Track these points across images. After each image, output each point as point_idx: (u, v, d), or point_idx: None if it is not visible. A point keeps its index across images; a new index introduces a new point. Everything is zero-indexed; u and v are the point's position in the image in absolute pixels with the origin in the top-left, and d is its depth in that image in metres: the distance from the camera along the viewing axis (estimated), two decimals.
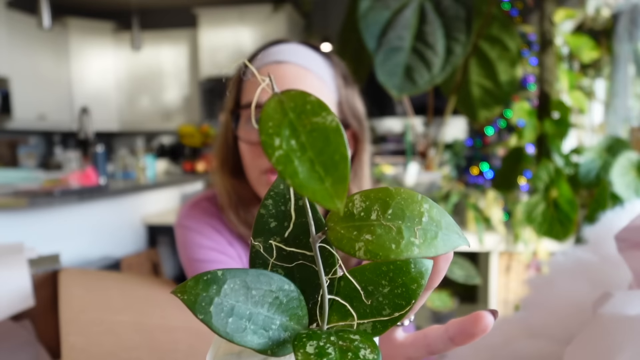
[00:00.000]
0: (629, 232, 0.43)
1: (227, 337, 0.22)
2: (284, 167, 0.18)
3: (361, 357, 0.21)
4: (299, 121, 0.19)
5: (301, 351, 0.21)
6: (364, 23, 1.02)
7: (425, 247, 0.22)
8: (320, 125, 0.19)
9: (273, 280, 0.24)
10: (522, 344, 0.54)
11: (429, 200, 0.23)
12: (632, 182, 1.16)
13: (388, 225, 0.22)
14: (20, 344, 0.62)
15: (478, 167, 2.11)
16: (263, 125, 0.19)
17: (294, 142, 0.19)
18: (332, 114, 0.19)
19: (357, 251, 0.22)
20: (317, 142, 0.19)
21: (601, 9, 1.76)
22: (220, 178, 0.72)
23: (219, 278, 0.22)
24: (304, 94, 0.19)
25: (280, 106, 0.19)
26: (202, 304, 0.22)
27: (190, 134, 3.96)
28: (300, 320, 0.24)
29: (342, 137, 0.19)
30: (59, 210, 2.10)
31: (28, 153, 4.13)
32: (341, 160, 0.19)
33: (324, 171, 0.19)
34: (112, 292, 0.72)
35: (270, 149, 0.18)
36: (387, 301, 0.25)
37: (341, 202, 0.19)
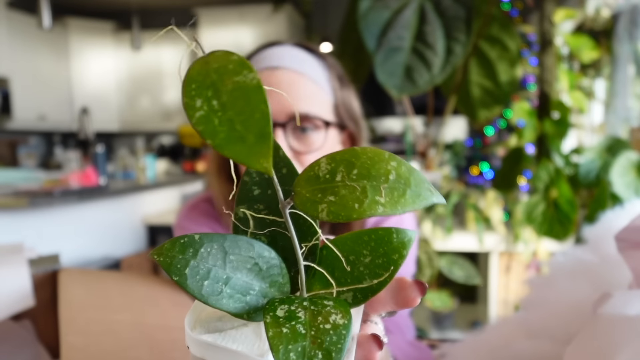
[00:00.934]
0: (629, 232, 0.43)
1: (202, 299, 0.22)
2: (204, 127, 0.18)
3: (331, 322, 0.20)
4: (220, 82, 0.19)
5: (270, 314, 0.21)
6: (364, 23, 1.02)
7: (391, 205, 0.21)
8: (241, 84, 0.19)
9: (252, 246, 0.24)
10: (522, 344, 0.54)
11: (396, 157, 0.22)
12: (632, 182, 1.16)
13: (352, 185, 0.22)
14: (20, 344, 0.62)
15: (478, 167, 2.11)
16: (186, 88, 0.19)
17: (216, 103, 0.19)
18: (253, 72, 0.19)
19: (319, 213, 0.21)
20: (238, 101, 0.19)
21: (601, 9, 1.76)
22: (217, 183, 0.71)
23: (195, 242, 0.22)
24: (228, 53, 0.19)
25: (204, 67, 0.19)
26: (177, 266, 0.22)
27: (190, 134, 3.96)
28: (281, 287, 0.24)
29: (262, 94, 0.19)
30: (59, 210, 2.10)
31: (28, 153, 4.13)
32: (262, 118, 0.19)
33: (245, 130, 0.19)
34: (111, 291, 0.72)
35: (191, 110, 0.18)
36: (368, 271, 0.24)
37: (267, 160, 0.19)
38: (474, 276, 1.83)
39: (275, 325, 0.20)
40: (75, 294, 0.66)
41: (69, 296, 0.65)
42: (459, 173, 2.26)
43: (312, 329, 0.20)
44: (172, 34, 1.05)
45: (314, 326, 0.20)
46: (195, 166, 3.71)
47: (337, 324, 0.20)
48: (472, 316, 2.25)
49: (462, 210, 1.94)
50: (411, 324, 0.70)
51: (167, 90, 4.74)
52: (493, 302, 2.01)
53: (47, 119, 4.19)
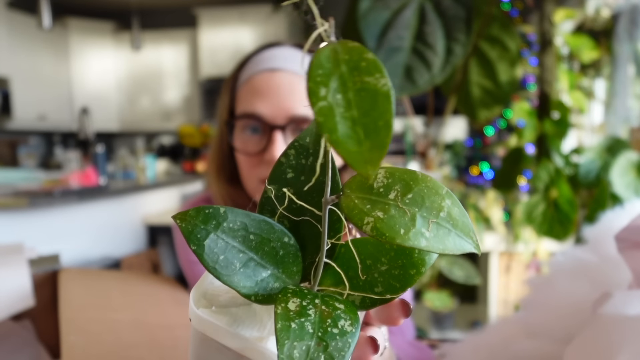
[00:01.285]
0: (629, 232, 0.43)
1: (214, 273, 0.22)
2: (324, 119, 0.18)
3: (339, 327, 0.20)
4: (350, 76, 0.18)
5: (282, 305, 0.20)
6: (364, 23, 1.02)
7: (434, 242, 0.21)
8: (371, 86, 0.18)
9: (274, 229, 0.23)
10: (522, 344, 0.54)
11: (453, 197, 0.22)
12: (632, 182, 1.16)
13: (404, 208, 0.21)
14: (20, 344, 0.62)
15: (478, 167, 2.11)
16: (312, 72, 0.18)
17: (340, 97, 0.18)
18: (385, 78, 0.18)
19: (364, 225, 0.21)
20: (364, 102, 0.18)
21: (601, 9, 1.76)
22: (217, 185, 0.71)
23: (220, 214, 0.22)
24: (362, 49, 0.18)
25: (334, 56, 0.18)
26: (197, 235, 0.22)
27: (190, 134, 3.96)
28: (292, 275, 0.24)
29: (391, 104, 0.18)
30: (59, 210, 2.10)
31: (28, 153, 4.13)
32: (384, 127, 0.18)
33: (364, 134, 0.18)
34: (112, 291, 0.72)
35: (314, 97, 0.18)
36: (382, 279, 0.24)
37: (374, 169, 0.18)
38: (473, 276, 1.83)
39: (285, 318, 0.20)
40: (76, 294, 0.66)
41: (69, 296, 0.65)
42: (459, 173, 2.26)
43: (320, 330, 0.20)
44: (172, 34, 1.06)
45: (322, 328, 0.20)
46: (195, 166, 3.71)
47: (345, 331, 0.20)
48: (472, 316, 2.25)
49: None
50: (411, 324, 0.70)
51: (167, 90, 4.74)
52: (493, 302, 2.01)
53: (47, 119, 4.19)
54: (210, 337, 0.23)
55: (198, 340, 0.24)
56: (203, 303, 0.25)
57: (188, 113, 4.72)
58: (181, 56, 4.65)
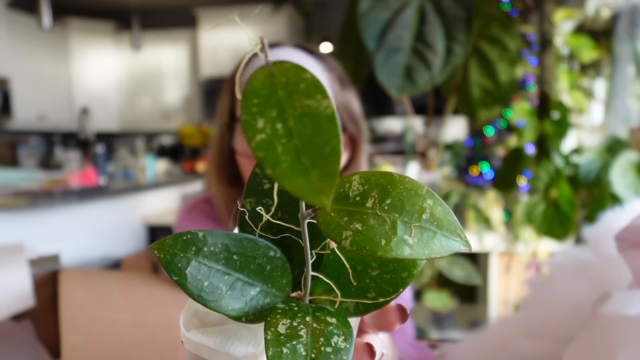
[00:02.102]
0: (629, 232, 0.43)
1: (200, 301, 0.21)
2: (264, 154, 0.16)
3: (332, 345, 0.19)
4: (288, 102, 0.17)
5: (272, 330, 0.20)
6: (364, 23, 1.02)
7: (418, 247, 0.20)
8: (312, 110, 0.17)
9: (257, 246, 0.22)
10: (522, 344, 0.54)
11: (434, 195, 0.21)
12: (632, 182, 1.16)
13: (383, 216, 0.20)
14: (20, 344, 0.62)
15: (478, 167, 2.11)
16: (246, 102, 0.17)
17: (280, 126, 0.16)
18: (327, 99, 0.17)
19: (343, 240, 0.20)
20: (306, 128, 0.17)
21: (601, 9, 1.76)
22: (217, 187, 0.71)
23: (199, 239, 0.21)
24: (300, 69, 0.17)
25: (269, 80, 0.17)
26: (178, 265, 0.21)
27: (190, 134, 3.96)
28: (283, 287, 0.23)
29: (336, 127, 0.17)
30: (59, 210, 2.10)
31: (28, 153, 4.13)
32: (332, 153, 0.17)
33: (311, 163, 0.17)
34: (112, 291, 0.72)
35: (251, 131, 0.16)
36: (374, 284, 0.23)
37: (327, 198, 0.17)
38: (474, 276, 1.83)
39: (275, 343, 0.19)
40: (76, 294, 0.66)
41: (69, 296, 0.65)
42: (459, 173, 2.25)
43: (313, 351, 0.19)
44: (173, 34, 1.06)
45: (315, 348, 0.19)
46: (195, 166, 3.71)
47: (339, 348, 0.19)
48: (472, 316, 2.25)
49: (462, 210, 1.94)
50: (411, 324, 0.70)
51: (167, 90, 4.74)
52: (493, 302, 2.01)
53: (47, 119, 4.19)
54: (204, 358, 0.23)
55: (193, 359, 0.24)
56: (194, 323, 0.25)
57: (188, 113, 4.72)
58: (181, 56, 4.65)
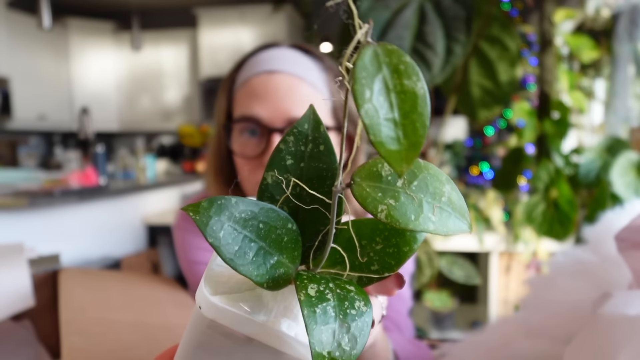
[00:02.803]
0: (629, 232, 0.43)
1: (231, 264, 0.22)
2: (370, 121, 0.18)
3: (356, 308, 0.21)
4: (391, 79, 0.19)
5: (304, 292, 0.21)
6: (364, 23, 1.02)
7: (439, 225, 0.22)
8: (410, 89, 0.19)
9: (280, 217, 0.24)
10: (522, 344, 0.54)
11: (452, 182, 0.24)
12: (632, 182, 1.17)
13: (412, 195, 0.22)
14: (20, 344, 0.62)
15: (478, 167, 2.11)
16: (357, 74, 0.19)
17: (383, 99, 0.19)
18: (422, 81, 0.19)
19: (379, 212, 0.22)
20: (405, 104, 0.19)
21: (601, 9, 1.76)
22: (215, 188, 0.70)
23: (231, 204, 0.22)
24: (400, 52, 0.19)
25: (375, 58, 0.19)
26: (213, 227, 0.22)
27: (190, 134, 3.96)
28: (294, 259, 0.24)
29: (427, 106, 0.19)
30: (59, 210, 2.10)
31: (28, 153, 4.13)
32: (421, 128, 0.19)
33: (404, 135, 0.19)
34: (112, 291, 0.72)
35: (360, 99, 0.18)
36: (378, 258, 0.25)
37: (408, 167, 0.19)
38: (474, 276, 1.83)
39: (309, 304, 0.20)
40: (76, 294, 0.66)
41: (69, 296, 0.65)
42: (459, 173, 2.25)
43: (341, 312, 0.21)
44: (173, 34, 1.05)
45: (342, 310, 0.21)
46: (195, 166, 3.71)
47: (362, 311, 0.21)
48: (472, 316, 2.25)
49: None
50: (410, 323, 0.70)
51: (167, 90, 4.74)
52: (493, 302, 2.01)
53: (47, 119, 4.19)
54: (219, 323, 0.23)
55: (203, 326, 0.24)
56: (209, 291, 0.25)
57: (188, 113, 4.72)
58: (181, 56, 4.65)
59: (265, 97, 0.61)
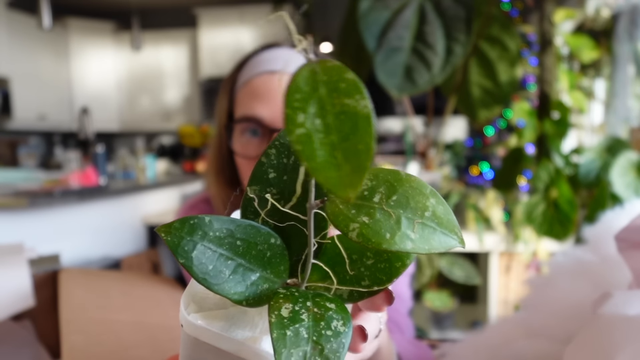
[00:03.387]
0: (629, 232, 0.43)
1: (204, 283, 0.21)
2: (302, 147, 0.17)
3: (332, 328, 0.20)
4: (329, 99, 0.18)
5: (276, 313, 0.20)
6: (364, 23, 1.02)
7: (420, 242, 0.21)
8: (350, 109, 0.18)
9: (260, 232, 0.23)
10: (522, 344, 0.54)
11: (437, 195, 0.22)
12: (632, 182, 1.17)
13: (389, 211, 0.21)
14: (20, 344, 0.62)
15: (478, 167, 2.11)
16: (289, 97, 0.17)
17: (319, 122, 0.17)
18: (365, 99, 0.18)
19: (350, 231, 0.21)
20: (344, 126, 0.17)
21: (601, 9, 1.76)
22: (216, 188, 0.70)
23: (205, 224, 0.22)
24: (342, 68, 0.18)
25: (312, 77, 0.18)
26: (184, 247, 0.21)
27: (190, 134, 3.96)
28: (280, 274, 0.24)
29: (371, 126, 0.18)
30: (59, 210, 2.10)
31: (28, 153, 4.12)
32: (365, 150, 0.18)
33: (344, 158, 0.18)
34: (112, 291, 0.72)
35: (292, 124, 0.17)
36: (369, 273, 0.24)
37: (354, 192, 0.18)
38: (474, 276, 1.83)
39: (280, 326, 0.20)
40: (76, 294, 0.66)
41: (69, 296, 0.65)
42: (459, 173, 2.25)
43: (315, 334, 0.20)
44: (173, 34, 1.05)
45: (317, 331, 0.20)
46: (195, 166, 3.71)
47: (338, 332, 0.20)
48: (472, 316, 2.25)
49: (462, 210, 1.94)
50: (410, 323, 0.69)
51: (167, 90, 4.74)
52: (493, 302, 2.01)
53: (47, 119, 4.19)
54: (203, 340, 0.23)
55: (190, 343, 0.24)
56: (193, 307, 0.25)
57: (188, 113, 4.72)
58: (181, 56, 4.65)
59: (266, 98, 0.61)
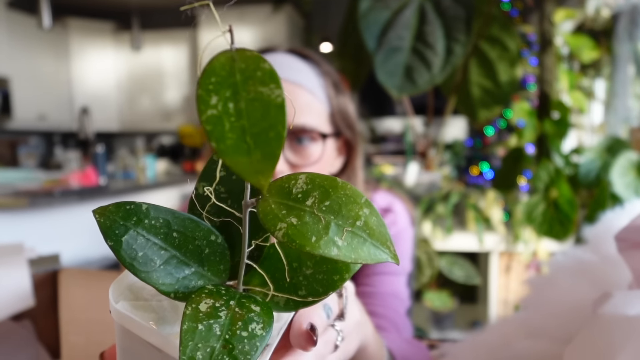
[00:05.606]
0: (629, 232, 0.43)
1: (131, 269, 0.21)
2: (212, 127, 0.17)
3: (249, 330, 0.20)
4: (244, 85, 0.18)
5: (193, 306, 0.20)
6: (364, 23, 1.02)
7: (346, 250, 0.20)
8: (264, 97, 0.18)
9: (199, 227, 0.23)
10: (522, 344, 0.54)
11: (372, 206, 0.22)
12: (632, 182, 1.17)
13: (319, 216, 0.21)
14: (20, 344, 0.62)
15: (478, 167, 2.11)
16: (204, 79, 0.18)
17: (232, 106, 0.18)
18: (280, 89, 0.18)
19: (277, 230, 0.20)
20: (256, 112, 0.18)
21: (601, 9, 1.76)
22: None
23: (142, 211, 0.22)
24: (260, 59, 0.18)
25: (230, 64, 0.18)
26: (115, 231, 0.21)
27: (190, 134, 3.96)
28: (219, 273, 0.23)
29: (283, 116, 0.18)
30: (59, 210, 2.10)
31: (28, 153, 4.13)
32: (275, 138, 0.18)
33: (254, 144, 0.18)
34: None
35: (203, 105, 0.17)
36: (307, 283, 0.24)
37: (266, 179, 0.18)
38: (474, 276, 1.83)
39: (193, 319, 0.20)
40: (75, 294, 0.66)
41: (69, 296, 0.65)
42: (459, 173, 2.25)
43: (228, 332, 0.20)
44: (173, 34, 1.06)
45: (231, 330, 0.20)
46: (195, 166, 3.71)
47: (254, 334, 0.20)
48: (472, 316, 2.25)
49: (462, 210, 1.94)
50: (408, 322, 0.69)
51: (167, 90, 4.74)
52: (493, 302, 2.01)
53: (47, 119, 4.19)
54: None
55: (120, 331, 0.24)
56: (128, 296, 0.25)
57: (188, 113, 4.72)
58: (181, 56, 4.65)
59: None
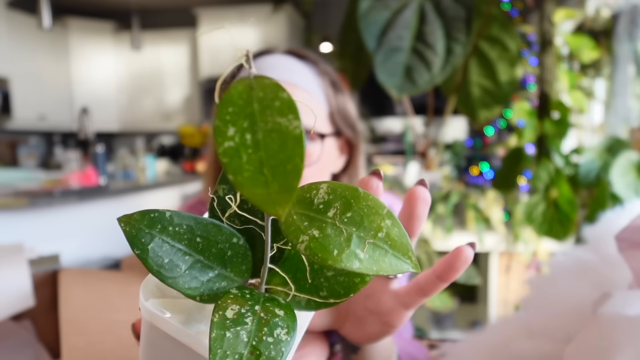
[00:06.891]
0: (629, 232, 0.43)
1: (158, 276, 0.22)
2: (229, 160, 0.17)
3: (274, 335, 0.20)
4: (261, 116, 0.17)
5: (220, 313, 0.20)
6: (364, 23, 1.02)
7: (368, 263, 0.20)
8: (282, 128, 0.17)
9: (222, 231, 0.23)
10: (522, 344, 0.54)
11: (394, 217, 0.22)
12: (632, 182, 1.16)
13: (341, 227, 0.21)
14: (20, 344, 0.62)
15: (478, 167, 2.11)
16: (221, 109, 0.17)
17: (249, 137, 0.17)
18: (298, 120, 0.17)
19: (299, 243, 0.20)
20: (274, 143, 0.17)
21: (601, 9, 1.76)
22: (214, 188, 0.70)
23: (165, 219, 0.22)
24: (278, 87, 0.17)
25: (247, 92, 0.17)
26: (141, 239, 0.21)
27: (191, 134, 3.96)
28: (242, 273, 0.24)
29: (301, 148, 0.18)
30: (59, 210, 2.10)
31: (28, 153, 4.13)
32: (293, 170, 0.18)
33: (272, 176, 0.18)
34: (111, 291, 0.72)
35: (221, 136, 0.17)
36: (328, 284, 0.24)
37: (283, 210, 0.18)
38: (474, 276, 1.83)
39: (221, 326, 0.20)
40: (75, 294, 0.66)
41: (69, 296, 0.65)
42: (459, 173, 2.25)
43: (255, 339, 0.20)
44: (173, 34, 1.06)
45: (258, 336, 0.20)
46: (195, 166, 3.71)
47: (279, 340, 0.20)
48: (472, 316, 2.25)
49: (462, 210, 1.94)
50: (409, 323, 0.69)
51: (167, 90, 4.74)
52: (493, 302, 2.01)
53: (47, 119, 4.19)
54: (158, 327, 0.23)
55: (148, 326, 0.25)
56: (156, 293, 0.26)
57: (188, 113, 4.72)
58: (181, 56, 4.65)
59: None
